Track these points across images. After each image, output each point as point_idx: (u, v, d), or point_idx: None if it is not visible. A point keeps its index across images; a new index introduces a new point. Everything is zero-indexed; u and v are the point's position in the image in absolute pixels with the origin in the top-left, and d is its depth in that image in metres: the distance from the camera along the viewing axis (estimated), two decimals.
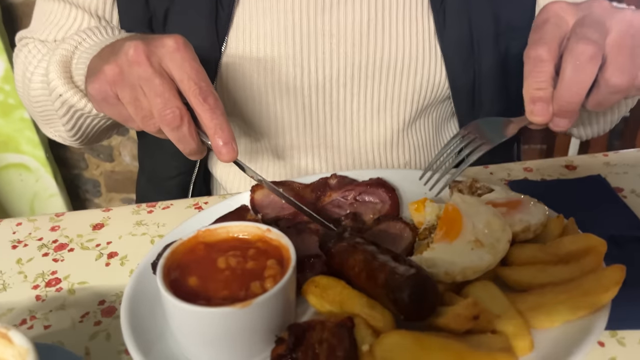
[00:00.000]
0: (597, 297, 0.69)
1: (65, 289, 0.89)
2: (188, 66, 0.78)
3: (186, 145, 0.81)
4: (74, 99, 0.99)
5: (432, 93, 1.15)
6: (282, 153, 1.22)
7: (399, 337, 0.61)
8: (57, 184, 2.60)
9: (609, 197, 0.99)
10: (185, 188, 1.28)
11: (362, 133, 1.18)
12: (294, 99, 1.12)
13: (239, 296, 0.69)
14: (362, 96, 1.13)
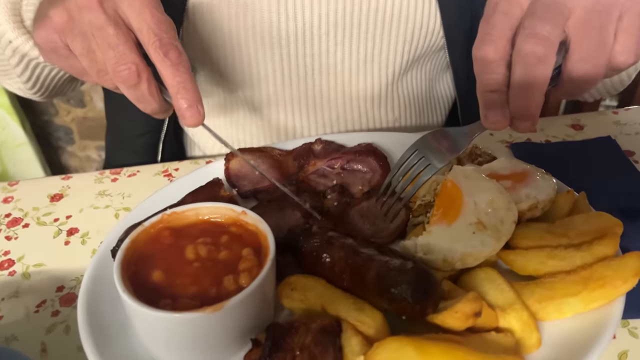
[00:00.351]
0: (614, 289, 0.61)
1: (19, 272, 0.80)
2: (148, 14, 0.66)
3: (146, 105, 0.70)
4: (26, 46, 0.86)
5: (425, 42, 1.03)
6: (259, 107, 1.10)
7: (396, 345, 0.53)
8: (26, 132, 2.45)
9: (620, 162, 0.91)
10: (154, 147, 1.16)
11: (347, 86, 1.07)
12: (270, 48, 0.99)
13: (209, 294, 0.60)
14: (346, 45, 1.01)
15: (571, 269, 0.65)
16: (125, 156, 1.20)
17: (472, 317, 0.58)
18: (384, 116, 1.14)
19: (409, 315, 0.59)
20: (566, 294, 0.62)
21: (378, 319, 0.59)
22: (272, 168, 0.87)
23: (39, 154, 2.55)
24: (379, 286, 0.59)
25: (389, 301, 0.59)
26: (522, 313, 0.61)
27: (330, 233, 0.68)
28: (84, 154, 2.75)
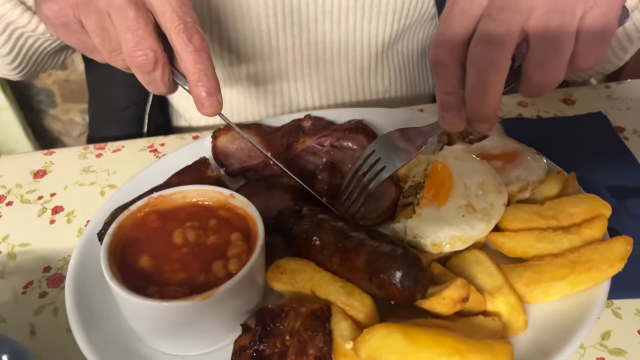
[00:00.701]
0: (600, 272, 0.62)
1: (5, 252, 0.79)
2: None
3: (154, 88, 0.68)
4: (13, 13, 0.82)
5: (416, 11, 1.01)
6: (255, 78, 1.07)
7: (386, 332, 0.54)
8: (6, 96, 2.38)
9: (610, 139, 0.91)
10: (140, 118, 1.14)
11: (335, 56, 1.05)
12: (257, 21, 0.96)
13: (198, 280, 0.60)
14: (335, 14, 0.98)
15: (559, 251, 0.66)
16: (110, 128, 1.18)
17: (460, 302, 0.59)
18: (373, 87, 1.12)
19: (398, 301, 0.59)
20: (553, 278, 0.63)
21: (367, 303, 0.60)
22: (260, 144, 0.85)
23: (20, 118, 2.50)
24: (369, 271, 0.59)
25: (379, 287, 0.59)
26: (509, 297, 0.61)
27: (320, 215, 0.67)
28: (67, 117, 2.70)
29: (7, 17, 0.82)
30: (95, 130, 1.24)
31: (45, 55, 0.96)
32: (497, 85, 0.58)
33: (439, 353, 0.52)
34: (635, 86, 1.04)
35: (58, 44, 0.92)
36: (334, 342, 0.58)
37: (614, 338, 0.64)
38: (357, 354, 0.54)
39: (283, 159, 0.83)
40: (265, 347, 0.57)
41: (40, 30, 0.83)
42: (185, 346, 0.62)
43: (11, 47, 0.89)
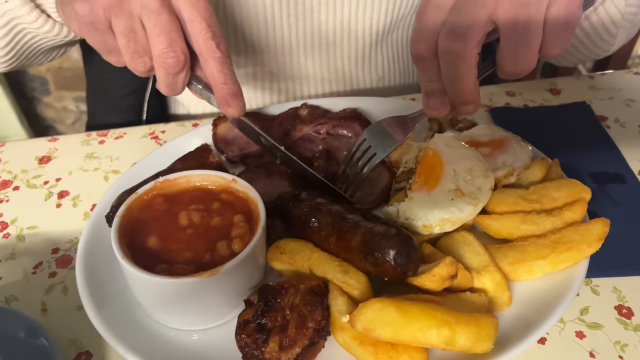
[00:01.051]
0: (580, 252, 0.67)
1: (14, 234, 0.82)
2: (202, 5, 0.67)
3: (171, 89, 0.71)
4: (22, 9, 0.84)
5: (409, 2, 1.04)
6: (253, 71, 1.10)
7: (380, 305, 0.58)
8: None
9: (593, 127, 0.95)
10: (139, 106, 1.17)
11: (331, 46, 1.08)
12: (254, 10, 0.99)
13: (204, 259, 0.64)
14: (330, 6, 1.01)
15: (542, 233, 0.70)
16: (110, 116, 1.20)
17: (449, 279, 0.63)
18: (367, 76, 1.16)
19: (392, 278, 0.63)
20: (536, 257, 0.67)
21: (362, 280, 0.64)
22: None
23: (14, 105, 2.50)
24: (364, 250, 0.63)
25: (373, 264, 0.63)
26: (495, 274, 0.66)
27: (318, 199, 0.71)
28: (60, 104, 2.70)
29: (13, 12, 0.84)
30: (94, 118, 1.26)
31: (38, 52, 0.98)
32: (467, 74, 0.63)
33: (429, 325, 0.56)
34: (617, 77, 1.08)
35: (53, 43, 0.94)
36: (331, 316, 0.62)
37: (592, 313, 0.69)
38: (353, 327, 0.58)
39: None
40: (267, 320, 0.61)
41: (44, 29, 0.86)
42: (191, 321, 0.66)
43: (9, 40, 0.91)
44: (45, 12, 0.85)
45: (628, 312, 0.69)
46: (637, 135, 0.94)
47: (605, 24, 0.92)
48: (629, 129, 0.96)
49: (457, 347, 0.57)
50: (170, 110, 1.28)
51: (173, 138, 0.91)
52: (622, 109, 1.00)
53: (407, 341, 0.57)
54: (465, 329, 0.57)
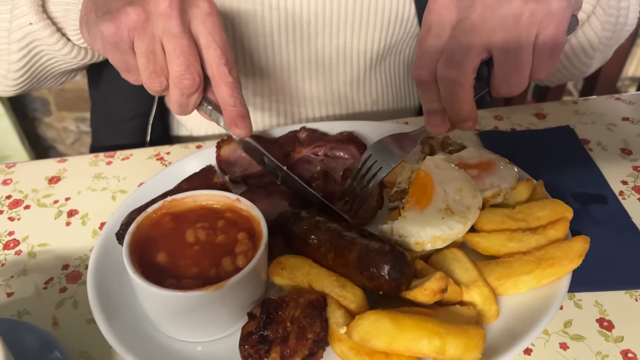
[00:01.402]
0: (562, 268, 0.71)
1: (25, 251, 0.86)
2: (218, 34, 0.73)
3: (183, 110, 0.76)
4: (44, 32, 0.88)
5: (401, 30, 1.09)
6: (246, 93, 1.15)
7: (375, 317, 0.62)
8: (2, 104, 2.43)
9: (576, 150, 1.00)
10: (143, 129, 1.21)
11: (327, 71, 1.13)
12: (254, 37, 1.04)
13: (209, 274, 0.68)
14: (327, 33, 1.07)
15: (527, 249, 0.74)
16: (114, 138, 1.24)
17: (439, 293, 0.67)
18: (362, 99, 1.21)
19: (386, 292, 0.68)
20: (522, 272, 0.71)
21: (358, 294, 0.68)
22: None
23: (16, 125, 2.55)
24: (360, 265, 0.68)
25: (369, 279, 0.67)
26: (483, 289, 0.70)
27: (317, 218, 0.76)
28: (61, 125, 2.75)
29: (35, 34, 0.89)
30: (98, 140, 1.31)
31: (50, 75, 1.03)
32: (464, 97, 0.68)
33: (421, 335, 0.60)
34: (600, 103, 1.14)
35: (67, 66, 0.99)
36: (329, 328, 0.66)
37: (575, 326, 0.73)
38: (350, 337, 0.62)
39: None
40: (269, 332, 0.64)
41: (63, 51, 0.91)
42: (198, 333, 0.70)
43: (26, 62, 0.95)
44: (65, 36, 0.90)
45: (609, 324, 0.73)
46: (618, 158, 0.99)
47: (583, 47, 0.98)
48: (610, 152, 1.01)
49: (448, 357, 0.61)
50: (173, 132, 1.32)
51: (178, 159, 0.95)
52: (604, 133, 1.05)
53: (401, 351, 0.61)
54: (454, 339, 0.61)
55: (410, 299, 0.68)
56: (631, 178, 0.95)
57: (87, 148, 2.84)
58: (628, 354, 0.70)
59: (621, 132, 1.06)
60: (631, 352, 0.70)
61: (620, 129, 1.07)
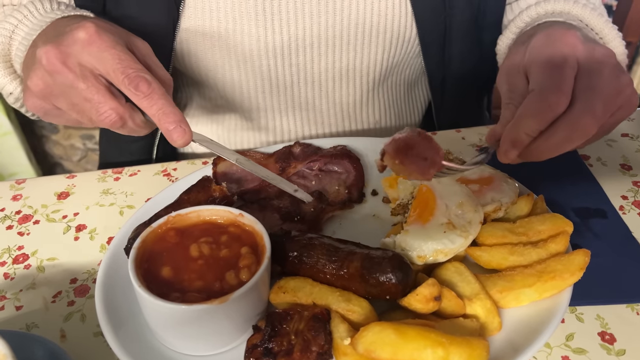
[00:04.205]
0: (563, 281, 0.72)
1: (34, 265, 0.87)
2: (108, 56, 0.71)
3: (139, 133, 0.77)
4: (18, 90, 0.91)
5: (402, 50, 1.11)
6: (249, 114, 1.18)
7: (379, 328, 0.63)
8: (11, 121, 2.47)
9: (576, 166, 1.01)
10: (149, 148, 1.23)
11: (330, 94, 1.15)
12: (258, 59, 1.06)
13: (214, 288, 0.69)
14: (329, 56, 1.09)
15: (528, 263, 0.75)
16: (121, 157, 1.27)
17: (432, 300, 0.68)
18: (365, 119, 1.23)
19: (392, 295, 0.69)
20: (523, 285, 0.72)
21: (365, 305, 0.69)
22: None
23: (23, 142, 2.58)
24: (364, 273, 0.69)
25: (375, 285, 0.69)
26: (485, 302, 0.71)
27: (309, 234, 0.77)
28: (68, 142, 2.78)
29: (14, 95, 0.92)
30: (106, 158, 1.33)
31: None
32: (572, 147, 0.71)
33: (425, 345, 0.61)
34: None
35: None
36: (333, 342, 0.67)
37: (577, 339, 0.73)
38: (355, 349, 0.63)
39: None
40: (274, 345, 0.65)
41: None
42: (202, 347, 0.70)
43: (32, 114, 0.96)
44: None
45: (611, 338, 0.73)
46: (617, 173, 1.00)
47: None
48: (610, 167, 1.02)
49: None
50: (178, 150, 1.34)
51: (184, 175, 0.97)
52: (603, 149, 1.07)
53: None
54: (458, 349, 0.62)
55: (405, 306, 0.69)
56: (631, 193, 0.96)
57: (94, 165, 2.88)
58: None
59: (621, 148, 1.07)
60: None
61: (619, 145, 1.08)
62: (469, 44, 1.13)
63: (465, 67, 1.16)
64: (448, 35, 1.10)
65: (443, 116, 1.24)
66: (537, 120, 0.70)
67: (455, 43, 1.11)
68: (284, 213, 0.87)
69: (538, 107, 0.70)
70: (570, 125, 0.69)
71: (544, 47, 0.78)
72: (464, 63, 1.15)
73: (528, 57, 0.79)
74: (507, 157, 0.73)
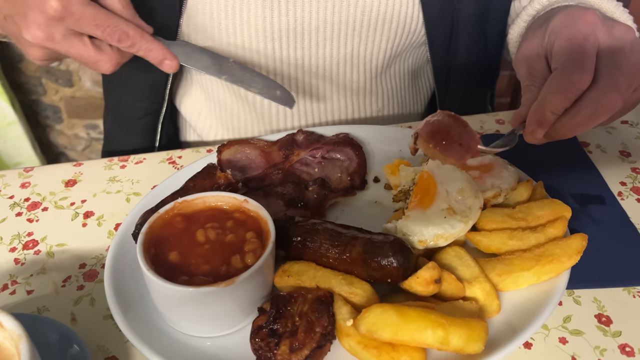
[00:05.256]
0: (561, 264, 0.74)
1: (44, 251, 0.89)
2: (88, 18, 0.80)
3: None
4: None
5: (407, 40, 1.12)
6: (252, 98, 1.19)
7: (381, 310, 0.65)
8: (15, 111, 2.48)
9: (576, 153, 1.03)
10: (153, 128, 1.25)
11: (334, 79, 1.16)
12: (263, 41, 1.07)
13: (220, 271, 0.71)
14: (334, 41, 1.10)
15: (527, 247, 0.77)
16: (125, 137, 1.28)
17: (433, 283, 0.70)
18: (368, 107, 1.24)
19: (394, 279, 0.71)
20: (522, 269, 0.74)
21: (367, 289, 0.71)
22: (260, 157, 0.97)
23: (28, 132, 2.59)
24: (366, 257, 0.71)
25: (377, 269, 0.71)
26: (485, 285, 0.72)
27: (312, 220, 0.79)
28: (72, 132, 2.80)
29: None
30: (111, 141, 1.35)
31: None
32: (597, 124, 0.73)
33: (425, 326, 0.63)
34: None
35: None
36: (336, 324, 0.69)
37: (574, 321, 0.75)
38: (357, 329, 0.65)
39: (280, 169, 0.94)
40: (278, 326, 0.67)
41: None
42: (209, 328, 0.73)
43: None
44: None
45: (607, 320, 0.75)
46: (617, 160, 1.02)
47: None
48: (610, 154, 1.03)
49: (451, 347, 0.64)
50: (182, 137, 1.36)
51: (189, 163, 0.99)
52: (603, 136, 1.08)
53: (406, 341, 0.63)
54: (457, 330, 0.64)
55: (407, 289, 0.71)
56: (630, 179, 0.97)
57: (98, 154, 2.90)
58: (626, 347, 0.72)
59: (620, 135, 1.08)
60: (629, 346, 0.72)
61: (619, 132, 1.09)
62: (475, 37, 1.14)
63: (471, 60, 1.17)
64: (455, 29, 1.11)
65: (447, 107, 1.25)
66: (562, 98, 0.72)
67: (462, 36, 1.12)
68: (288, 199, 0.89)
69: (562, 85, 0.72)
70: (596, 102, 0.71)
71: (564, 28, 0.79)
72: (469, 56, 1.16)
73: (548, 38, 0.80)
74: (533, 137, 0.75)
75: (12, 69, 2.53)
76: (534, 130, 0.74)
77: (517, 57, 0.86)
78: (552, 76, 0.74)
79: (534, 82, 0.78)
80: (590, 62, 0.73)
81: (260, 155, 0.97)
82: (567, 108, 0.73)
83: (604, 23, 0.77)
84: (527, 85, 0.79)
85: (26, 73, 2.57)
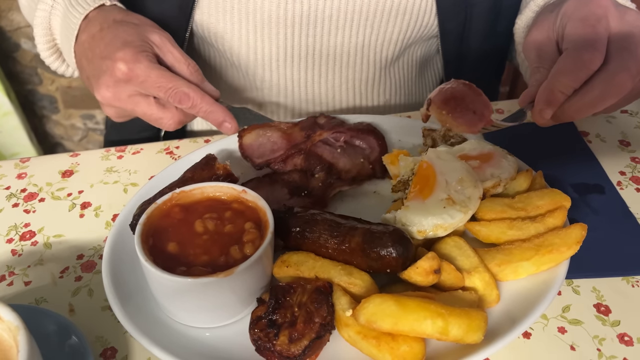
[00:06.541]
0: (560, 254, 0.73)
1: (41, 242, 0.89)
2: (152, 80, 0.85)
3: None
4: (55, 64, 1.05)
5: (419, 33, 1.12)
6: (262, 85, 1.18)
7: (380, 300, 0.64)
8: (11, 101, 2.46)
9: (576, 142, 1.02)
10: None
11: (344, 68, 1.16)
12: (275, 27, 1.06)
13: (219, 262, 0.70)
14: (346, 30, 1.08)
15: (526, 237, 0.77)
16: (127, 131, 1.27)
17: (432, 273, 0.70)
18: (376, 97, 1.23)
19: (393, 269, 0.70)
20: (521, 259, 0.74)
21: (366, 279, 0.71)
22: (282, 139, 0.95)
23: (24, 122, 2.58)
24: (365, 247, 0.71)
25: (376, 259, 0.70)
26: (484, 274, 0.72)
27: (311, 210, 0.78)
28: (68, 122, 2.79)
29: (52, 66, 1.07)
30: (113, 133, 1.34)
31: None
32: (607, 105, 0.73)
33: (424, 316, 0.63)
34: None
35: None
36: (336, 314, 0.69)
37: (573, 311, 0.75)
38: (356, 320, 0.65)
39: (302, 149, 0.93)
40: (277, 316, 0.67)
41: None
42: (208, 319, 0.72)
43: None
44: None
45: (606, 309, 0.75)
46: (616, 150, 1.02)
47: None
48: (609, 144, 1.03)
49: (451, 337, 0.64)
50: (188, 126, 1.35)
51: (187, 153, 0.98)
52: (603, 125, 1.07)
53: (405, 331, 0.63)
54: (457, 320, 0.64)
55: (406, 279, 0.71)
56: (629, 169, 0.97)
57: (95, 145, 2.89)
58: (624, 337, 0.72)
59: (620, 124, 1.08)
60: (627, 336, 0.72)
61: (618, 121, 1.09)
62: (486, 31, 1.14)
63: (481, 52, 1.17)
64: (468, 24, 1.11)
65: None
66: (572, 78, 0.71)
67: (474, 30, 1.12)
68: (293, 188, 0.88)
69: (572, 65, 0.72)
70: (606, 82, 0.71)
71: (576, 10, 0.79)
72: (480, 48, 1.16)
73: (560, 21, 0.80)
74: (542, 117, 0.75)
75: (7, 58, 2.51)
76: (542, 110, 0.74)
77: (527, 41, 0.86)
78: (563, 56, 0.74)
79: (543, 64, 0.78)
80: (602, 43, 0.72)
81: (282, 137, 0.95)
82: (576, 89, 0.72)
83: (617, 8, 0.77)
84: (536, 67, 0.79)
85: (22, 62, 2.55)
